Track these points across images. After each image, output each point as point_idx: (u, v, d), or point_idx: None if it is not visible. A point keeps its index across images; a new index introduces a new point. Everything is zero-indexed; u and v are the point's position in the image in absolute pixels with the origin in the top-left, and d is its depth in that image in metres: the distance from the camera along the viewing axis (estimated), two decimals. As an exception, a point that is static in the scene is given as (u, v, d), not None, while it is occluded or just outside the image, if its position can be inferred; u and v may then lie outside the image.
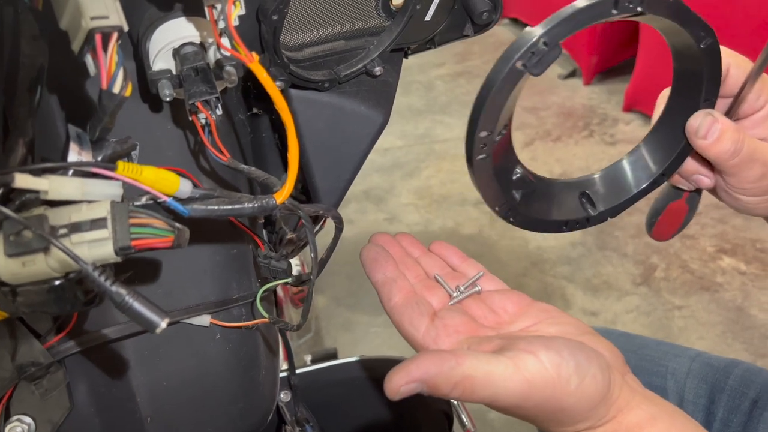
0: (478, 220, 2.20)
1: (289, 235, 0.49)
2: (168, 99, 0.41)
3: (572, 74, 2.99)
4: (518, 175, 0.50)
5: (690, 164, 0.53)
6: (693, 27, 0.45)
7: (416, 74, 3.14)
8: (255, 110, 0.57)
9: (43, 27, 0.37)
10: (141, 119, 0.46)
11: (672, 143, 0.51)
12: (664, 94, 0.54)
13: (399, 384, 0.39)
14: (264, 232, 0.61)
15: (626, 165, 0.54)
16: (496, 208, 0.51)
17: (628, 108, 2.71)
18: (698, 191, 0.57)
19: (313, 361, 1.29)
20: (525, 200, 0.51)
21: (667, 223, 0.60)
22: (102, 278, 0.31)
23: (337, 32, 0.56)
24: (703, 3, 2.06)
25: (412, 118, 2.87)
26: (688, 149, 0.51)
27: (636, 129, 2.63)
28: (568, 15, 0.41)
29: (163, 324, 0.31)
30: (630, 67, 2.63)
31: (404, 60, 0.64)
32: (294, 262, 1.44)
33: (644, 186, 0.53)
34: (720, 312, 1.76)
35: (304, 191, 0.65)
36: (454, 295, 0.52)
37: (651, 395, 0.43)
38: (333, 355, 1.30)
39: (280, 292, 1.29)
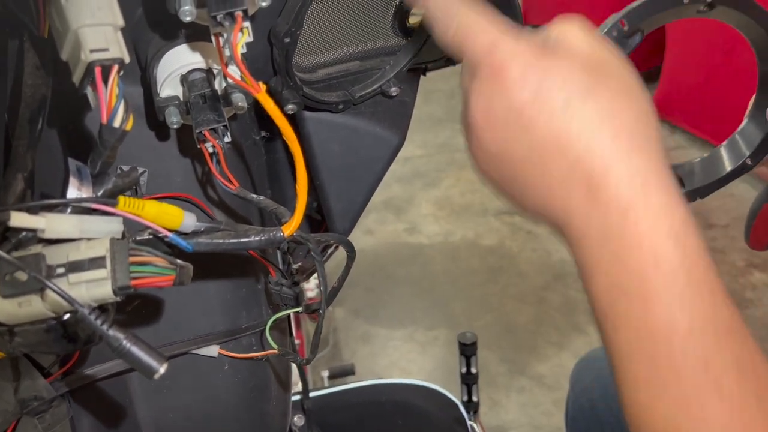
0: (499, 231, 2.17)
1: (296, 266, 0.47)
2: (175, 126, 0.40)
3: (596, 82, 2.94)
4: None
5: None
6: (761, 17, 0.47)
7: (438, 82, 3.12)
8: (264, 133, 0.56)
9: (47, 56, 0.36)
10: (150, 145, 0.45)
11: (760, 130, 0.53)
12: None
13: None
14: (279, 254, 0.59)
15: (719, 153, 0.56)
16: None
17: (654, 117, 2.66)
18: None
19: (331, 377, 1.27)
20: None
21: (761, 227, 0.60)
22: (98, 322, 0.29)
23: (352, 53, 0.55)
24: None
25: (433, 127, 2.85)
26: None
27: (663, 139, 2.57)
28: (645, 1, 0.45)
29: (162, 369, 0.30)
30: (656, 75, 2.58)
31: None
32: (313, 277, 1.43)
33: (731, 170, 0.54)
34: (751, 329, 1.70)
35: (319, 211, 0.64)
36: None
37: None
38: (350, 371, 1.28)
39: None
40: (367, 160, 0.59)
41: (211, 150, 0.41)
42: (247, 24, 0.34)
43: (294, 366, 0.70)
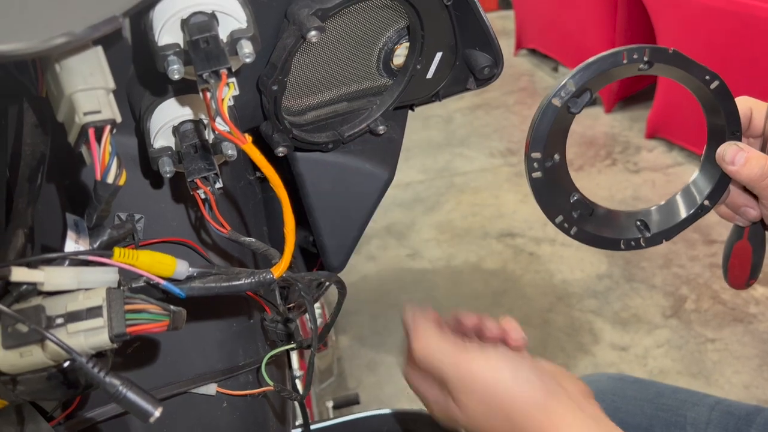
0: (501, 254, 2.18)
1: (291, 305, 0.49)
2: (168, 176, 0.42)
3: (593, 102, 2.96)
4: (576, 198, 0.55)
5: (736, 197, 0.58)
6: (697, 72, 0.51)
7: (435, 107, 3.15)
8: (258, 173, 0.57)
9: (46, 115, 0.38)
10: (146, 193, 0.47)
11: (713, 175, 0.57)
12: None
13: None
14: (277, 290, 0.61)
15: (677, 199, 0.59)
16: (555, 221, 0.54)
17: (651, 135, 2.68)
18: (760, 228, 0.61)
19: (335, 407, 1.28)
20: (582, 219, 0.56)
21: (737, 266, 0.63)
22: (95, 369, 0.31)
23: (340, 94, 0.57)
24: (720, 53, 2.04)
25: (432, 152, 2.88)
26: (726, 178, 0.56)
27: (659, 156, 2.59)
28: (588, 62, 0.49)
29: (156, 413, 0.31)
30: (651, 93, 2.61)
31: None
32: (317, 307, 1.43)
33: (692, 212, 0.58)
34: (755, 344, 1.70)
35: (315, 245, 0.66)
36: None
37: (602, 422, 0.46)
38: (355, 400, 1.28)
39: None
40: (358, 196, 0.61)
41: (203, 196, 0.43)
42: (232, 80, 0.36)
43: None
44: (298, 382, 1.13)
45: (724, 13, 2.04)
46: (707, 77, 0.51)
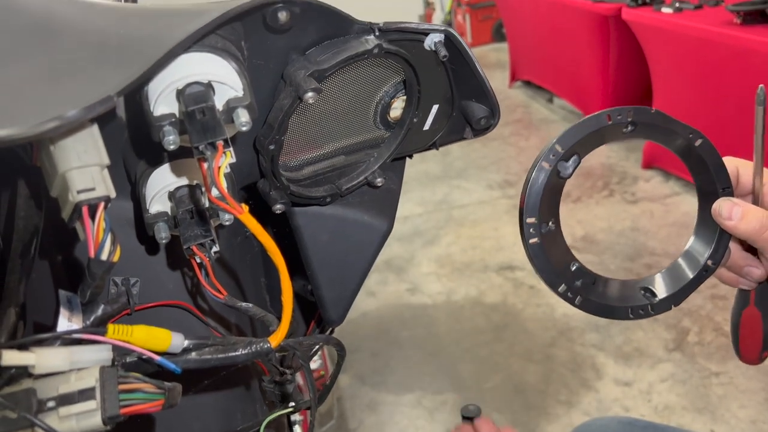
0: (501, 288, 2.16)
1: (286, 368, 0.48)
2: (164, 241, 0.42)
3: (588, 133, 2.99)
4: (576, 267, 0.54)
5: (737, 258, 0.56)
6: (681, 131, 0.52)
7: (432, 141, 3.17)
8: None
9: (40, 185, 0.38)
10: (142, 256, 0.46)
11: (710, 236, 0.56)
12: None
13: None
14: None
15: (680, 263, 0.58)
16: (558, 290, 0.53)
17: (648, 165, 2.70)
18: (767, 290, 0.58)
19: (336, 452, 1.25)
20: (586, 288, 0.54)
21: (749, 336, 0.60)
22: (87, 458, 0.30)
23: (337, 148, 0.56)
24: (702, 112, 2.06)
25: (430, 185, 2.89)
26: (725, 236, 0.55)
27: (656, 186, 2.60)
28: (574, 124, 0.50)
29: (151, 501, 0.30)
30: (646, 124, 2.62)
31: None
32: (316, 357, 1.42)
33: (697, 272, 0.56)
34: (761, 378, 1.68)
35: (313, 293, 0.65)
36: None
37: None
38: (356, 445, 1.26)
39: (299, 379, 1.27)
40: (357, 248, 0.60)
41: (199, 261, 0.42)
42: (229, 149, 0.36)
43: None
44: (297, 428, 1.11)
45: (714, 45, 2.06)
46: (691, 135, 0.51)
